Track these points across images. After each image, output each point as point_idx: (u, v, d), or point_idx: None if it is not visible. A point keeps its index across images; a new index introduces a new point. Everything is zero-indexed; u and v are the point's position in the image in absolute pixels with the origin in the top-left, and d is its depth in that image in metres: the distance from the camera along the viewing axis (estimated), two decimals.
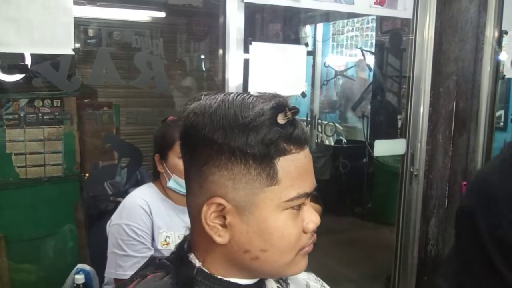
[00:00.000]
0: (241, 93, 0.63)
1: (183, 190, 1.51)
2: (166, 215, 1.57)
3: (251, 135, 0.59)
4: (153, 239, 1.54)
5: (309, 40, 3.41)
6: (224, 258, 0.65)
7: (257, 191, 0.61)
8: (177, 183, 1.54)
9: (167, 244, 1.54)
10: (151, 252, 1.51)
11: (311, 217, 0.66)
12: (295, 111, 0.61)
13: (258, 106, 0.60)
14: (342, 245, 3.74)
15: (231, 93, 0.64)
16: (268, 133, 0.59)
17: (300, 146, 0.62)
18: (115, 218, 1.54)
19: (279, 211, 0.62)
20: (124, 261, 1.48)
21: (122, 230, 1.49)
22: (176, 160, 1.53)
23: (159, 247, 1.53)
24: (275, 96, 0.63)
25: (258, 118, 0.59)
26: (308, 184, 0.64)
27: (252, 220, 0.61)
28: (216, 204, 0.61)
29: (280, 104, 0.61)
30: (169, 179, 1.55)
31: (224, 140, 0.59)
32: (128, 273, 1.42)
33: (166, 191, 1.60)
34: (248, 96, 0.62)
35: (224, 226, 0.62)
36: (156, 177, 1.64)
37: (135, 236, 1.49)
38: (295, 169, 0.62)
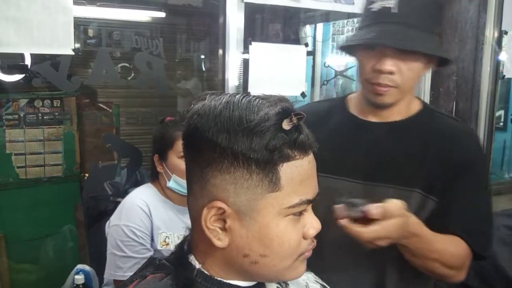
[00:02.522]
0: (247, 95, 0.62)
1: (183, 190, 1.51)
2: (166, 216, 1.57)
3: (255, 140, 0.58)
4: (152, 239, 1.53)
5: (309, 40, 3.40)
6: (224, 261, 0.64)
7: (259, 196, 0.60)
8: (177, 183, 1.53)
9: (167, 244, 1.54)
10: (150, 253, 1.51)
11: (312, 223, 0.65)
12: (300, 116, 0.60)
13: (263, 111, 0.59)
14: None
15: (237, 94, 0.62)
16: (272, 139, 0.58)
17: (304, 152, 0.62)
18: (114, 219, 1.54)
19: (280, 217, 0.61)
20: (124, 262, 1.48)
21: (121, 231, 1.49)
22: (176, 159, 1.53)
23: (158, 247, 1.53)
24: (281, 99, 0.61)
25: (262, 123, 0.58)
26: (311, 190, 0.64)
27: (252, 225, 0.61)
28: (216, 207, 0.61)
29: (286, 109, 0.60)
30: (168, 180, 1.55)
31: (228, 144, 0.58)
32: (127, 274, 1.42)
33: (165, 192, 1.60)
34: (254, 98, 0.61)
35: (224, 229, 0.62)
36: (155, 178, 1.63)
37: (135, 237, 1.49)
38: (298, 175, 0.61)
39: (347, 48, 1.14)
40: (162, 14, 3.18)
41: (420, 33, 1.00)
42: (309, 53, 2.43)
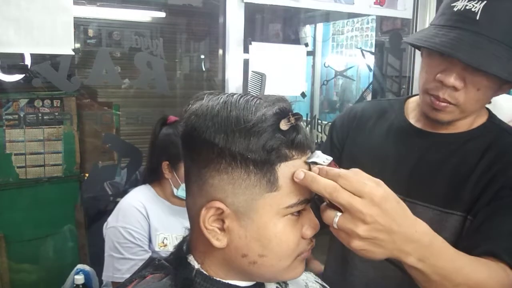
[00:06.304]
0: (244, 95, 0.62)
1: None
2: (163, 217, 1.56)
3: (252, 141, 0.58)
4: (150, 241, 1.53)
5: (309, 40, 3.40)
6: (223, 261, 0.64)
7: (257, 196, 0.60)
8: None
9: (165, 245, 1.53)
10: (148, 255, 1.50)
11: (310, 222, 0.65)
12: (298, 117, 0.60)
13: (261, 111, 0.59)
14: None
15: (234, 94, 0.62)
16: (269, 139, 0.58)
17: (302, 151, 0.62)
18: (111, 221, 1.53)
19: (279, 217, 0.61)
20: (122, 264, 1.47)
21: (118, 233, 1.48)
22: None
23: (156, 249, 1.52)
24: (279, 99, 0.61)
25: (260, 124, 0.58)
26: (309, 190, 0.63)
27: (250, 225, 0.61)
28: (215, 208, 0.61)
29: (283, 110, 0.60)
30: (177, 188, 1.53)
31: (225, 144, 0.58)
32: (125, 276, 1.41)
33: (165, 195, 1.59)
34: (252, 98, 0.61)
35: (222, 230, 0.62)
36: (154, 180, 1.61)
37: (132, 239, 1.48)
38: None
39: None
40: (162, 14, 3.17)
41: (503, 50, 0.82)
42: (309, 53, 2.43)
